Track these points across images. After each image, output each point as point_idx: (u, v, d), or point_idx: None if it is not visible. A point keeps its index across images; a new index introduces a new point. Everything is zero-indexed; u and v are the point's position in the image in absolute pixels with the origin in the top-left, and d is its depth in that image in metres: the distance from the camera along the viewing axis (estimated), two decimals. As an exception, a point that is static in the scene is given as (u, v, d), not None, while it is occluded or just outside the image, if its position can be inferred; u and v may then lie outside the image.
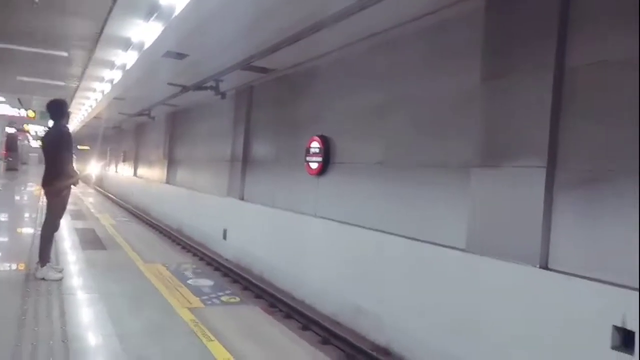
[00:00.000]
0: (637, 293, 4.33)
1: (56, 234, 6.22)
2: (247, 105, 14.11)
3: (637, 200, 4.68)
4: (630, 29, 4.95)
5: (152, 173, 24.86)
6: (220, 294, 5.49)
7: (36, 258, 6.09)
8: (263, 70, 11.67)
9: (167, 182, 22.13)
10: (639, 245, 4.49)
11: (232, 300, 5.33)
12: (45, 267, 5.76)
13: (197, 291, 5.56)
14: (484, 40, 6.58)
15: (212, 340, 4.06)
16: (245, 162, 14.12)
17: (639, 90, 4.76)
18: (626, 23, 5.03)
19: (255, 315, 4.94)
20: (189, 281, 5.99)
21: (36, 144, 53.92)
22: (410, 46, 8.25)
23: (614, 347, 4.45)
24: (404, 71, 8.43)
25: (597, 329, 4.62)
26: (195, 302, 5.16)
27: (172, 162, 22.24)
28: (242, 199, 14.07)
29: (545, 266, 5.47)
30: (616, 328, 4.43)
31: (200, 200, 17.73)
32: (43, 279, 5.67)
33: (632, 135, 4.86)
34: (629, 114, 4.97)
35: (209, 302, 5.18)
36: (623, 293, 4.47)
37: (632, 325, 4.34)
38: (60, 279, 5.75)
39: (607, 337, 4.51)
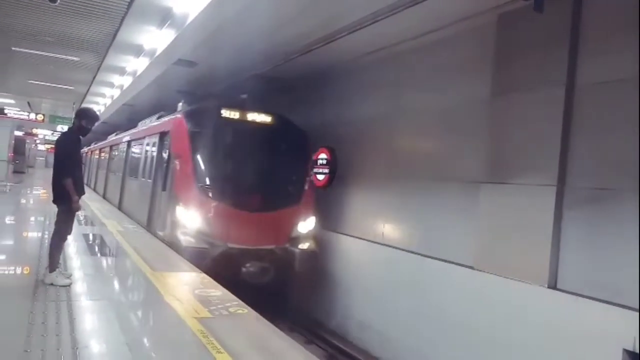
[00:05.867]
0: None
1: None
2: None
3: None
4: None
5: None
6: (227, 304, 5.49)
7: (44, 262, 6.12)
8: (272, 79, 11.73)
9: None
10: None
11: (240, 311, 5.32)
12: (53, 273, 5.76)
13: (204, 301, 5.55)
14: (494, 56, 6.61)
15: (221, 352, 4.05)
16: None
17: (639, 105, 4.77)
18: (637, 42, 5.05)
19: (262, 327, 4.92)
20: (197, 291, 5.99)
21: (43, 147, 54.10)
22: (419, 58, 8.30)
23: (624, 371, 4.40)
24: (411, 84, 8.48)
25: (607, 352, 4.60)
26: (203, 312, 5.15)
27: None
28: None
29: (554, 286, 5.45)
30: (627, 352, 4.41)
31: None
32: (51, 284, 5.67)
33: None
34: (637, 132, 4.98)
35: (217, 313, 5.18)
36: (635, 316, 4.44)
37: (643, 349, 4.31)
38: (69, 285, 5.75)
39: (617, 360, 4.48)
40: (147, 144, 12.30)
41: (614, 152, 5.21)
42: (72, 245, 8.12)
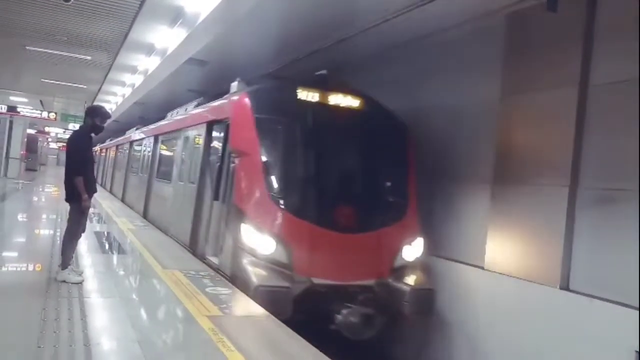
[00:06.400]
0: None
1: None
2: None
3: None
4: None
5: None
6: (239, 303, 5.51)
7: (57, 260, 6.18)
8: (283, 79, 11.73)
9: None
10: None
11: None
12: (66, 270, 5.81)
13: (216, 299, 5.57)
14: (505, 56, 6.56)
15: (232, 351, 4.07)
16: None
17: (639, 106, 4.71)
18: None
19: (274, 326, 4.93)
20: (208, 289, 6.01)
21: (55, 145, 54.53)
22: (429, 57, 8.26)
23: (637, 373, 4.35)
24: (422, 82, 8.43)
25: (619, 353, 4.55)
26: (215, 310, 5.17)
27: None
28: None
29: (566, 287, 5.40)
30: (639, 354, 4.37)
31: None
32: (64, 281, 5.72)
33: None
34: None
35: (228, 311, 5.20)
36: (647, 317, 4.39)
37: (657, 352, 4.26)
38: (81, 282, 5.80)
39: (630, 362, 4.43)
40: (188, 138, 9.69)
41: (627, 152, 5.16)
42: (84, 243, 8.18)
